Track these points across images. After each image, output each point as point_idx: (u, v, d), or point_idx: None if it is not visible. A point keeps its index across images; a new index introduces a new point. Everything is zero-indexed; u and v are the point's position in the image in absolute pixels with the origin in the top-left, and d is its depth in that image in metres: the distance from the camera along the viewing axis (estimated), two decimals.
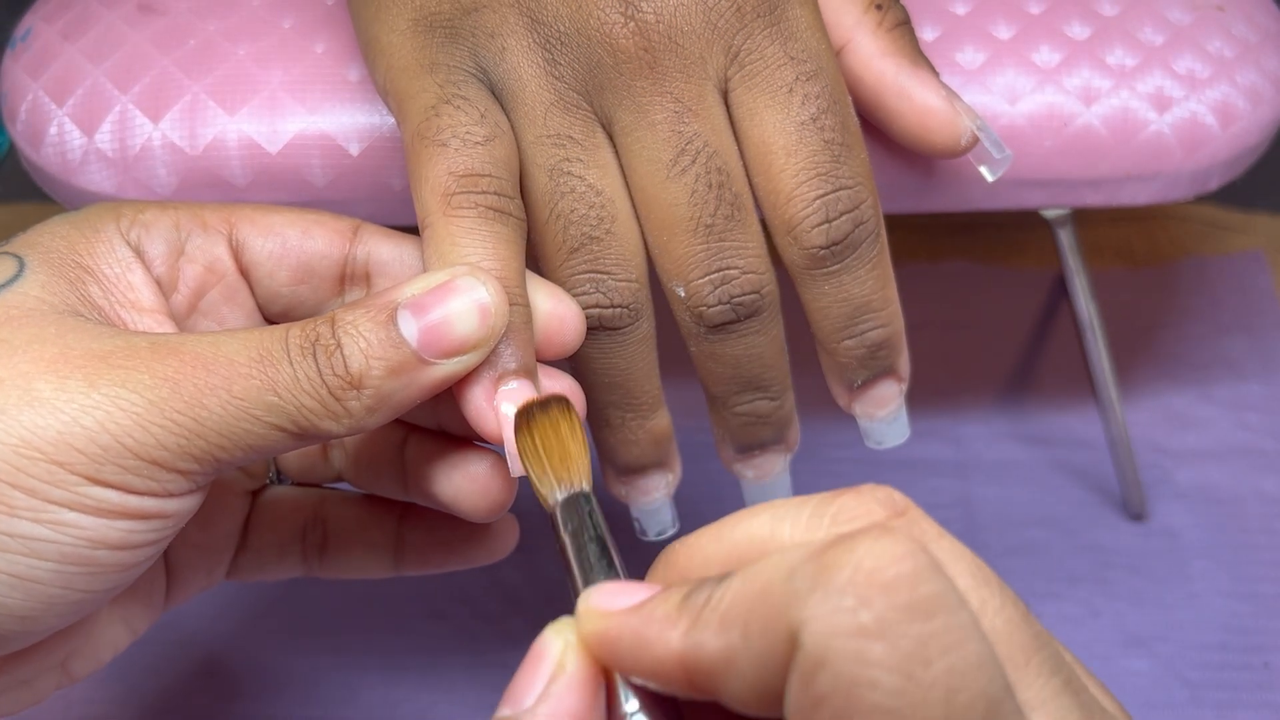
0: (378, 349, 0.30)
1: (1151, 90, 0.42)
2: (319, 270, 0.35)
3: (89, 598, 0.30)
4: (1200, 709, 0.51)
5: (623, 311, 0.34)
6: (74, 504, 0.29)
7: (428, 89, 0.33)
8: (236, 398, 0.29)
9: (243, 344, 0.30)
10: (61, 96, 0.41)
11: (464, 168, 0.32)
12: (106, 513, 0.29)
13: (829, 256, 0.34)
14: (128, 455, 0.29)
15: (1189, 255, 0.67)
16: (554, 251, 0.34)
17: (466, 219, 0.32)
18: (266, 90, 0.41)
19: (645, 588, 0.25)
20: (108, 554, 0.30)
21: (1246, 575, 0.55)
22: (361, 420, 0.30)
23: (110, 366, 0.29)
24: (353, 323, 0.30)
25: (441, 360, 0.30)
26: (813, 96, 0.34)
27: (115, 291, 0.32)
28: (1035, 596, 0.55)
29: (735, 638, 0.22)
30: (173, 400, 0.29)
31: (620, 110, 0.34)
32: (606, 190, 0.34)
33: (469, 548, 0.38)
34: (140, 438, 0.29)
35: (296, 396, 0.29)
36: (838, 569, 0.21)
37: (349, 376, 0.30)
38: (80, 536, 0.29)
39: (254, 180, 0.41)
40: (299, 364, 0.30)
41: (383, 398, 0.30)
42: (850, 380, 0.36)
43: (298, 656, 0.54)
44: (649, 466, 0.37)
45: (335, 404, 0.30)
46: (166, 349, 0.29)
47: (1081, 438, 0.60)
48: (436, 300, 0.30)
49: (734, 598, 0.22)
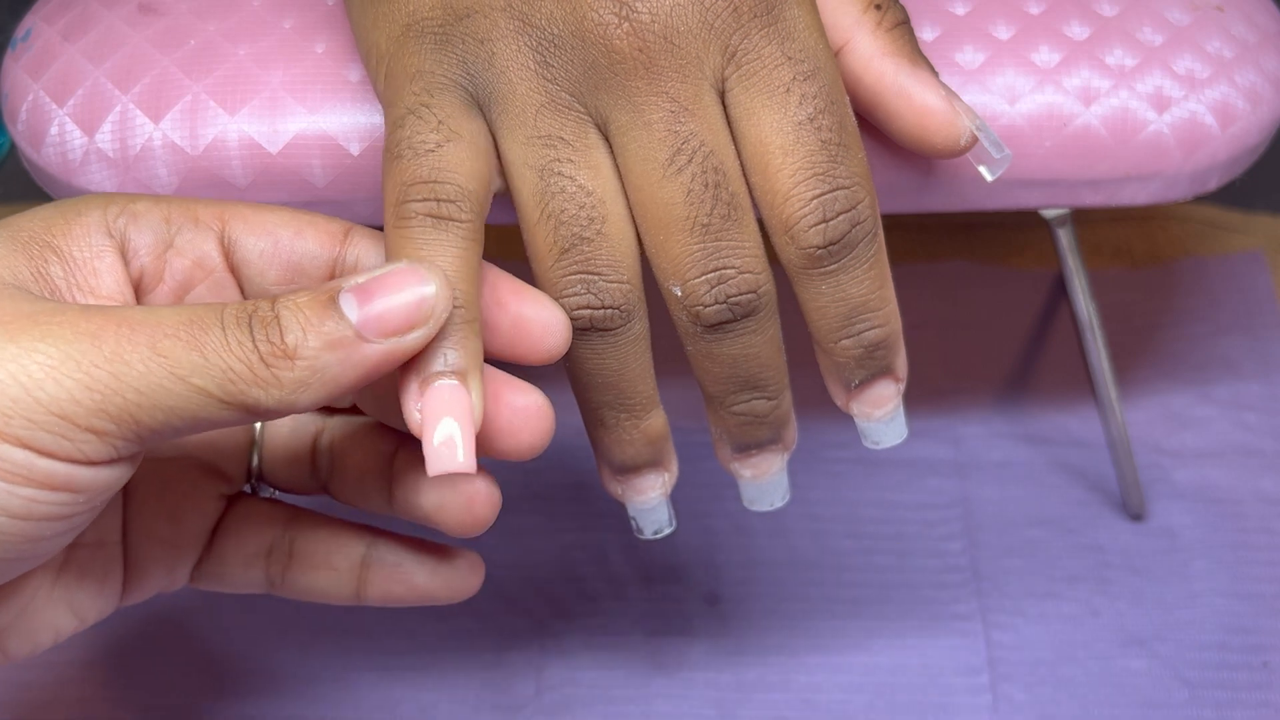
0: (314, 321, 0.30)
1: (1151, 90, 0.42)
2: (308, 271, 0.35)
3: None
4: (1200, 709, 0.51)
5: (614, 313, 0.34)
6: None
7: (404, 99, 0.33)
8: (159, 354, 0.28)
9: (175, 311, 0.29)
10: (62, 97, 0.41)
11: (411, 176, 0.32)
12: (10, 475, 0.28)
13: (826, 256, 0.34)
14: (38, 409, 0.28)
15: (1188, 255, 0.67)
16: (545, 252, 0.34)
17: (411, 227, 0.32)
18: (267, 90, 0.41)
19: None
20: (19, 525, 0.29)
21: (1246, 575, 0.55)
22: (293, 394, 0.30)
23: (34, 324, 0.28)
24: (293, 299, 0.30)
25: (380, 339, 0.30)
26: (810, 96, 0.34)
27: (77, 275, 0.32)
28: (1035, 596, 0.55)
29: None
30: (91, 354, 0.28)
31: (616, 110, 0.34)
32: (598, 191, 0.34)
33: (432, 586, 0.38)
34: (52, 390, 0.28)
35: (224, 358, 0.29)
36: None
37: (283, 345, 0.29)
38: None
39: (255, 180, 0.41)
40: (231, 330, 0.29)
41: (316, 370, 0.29)
42: (848, 380, 0.36)
43: (297, 656, 0.54)
44: (644, 466, 0.37)
45: (265, 371, 0.29)
46: (96, 311, 0.29)
47: (1081, 438, 0.60)
48: (379, 285, 0.30)
49: None
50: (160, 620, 0.54)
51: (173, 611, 0.55)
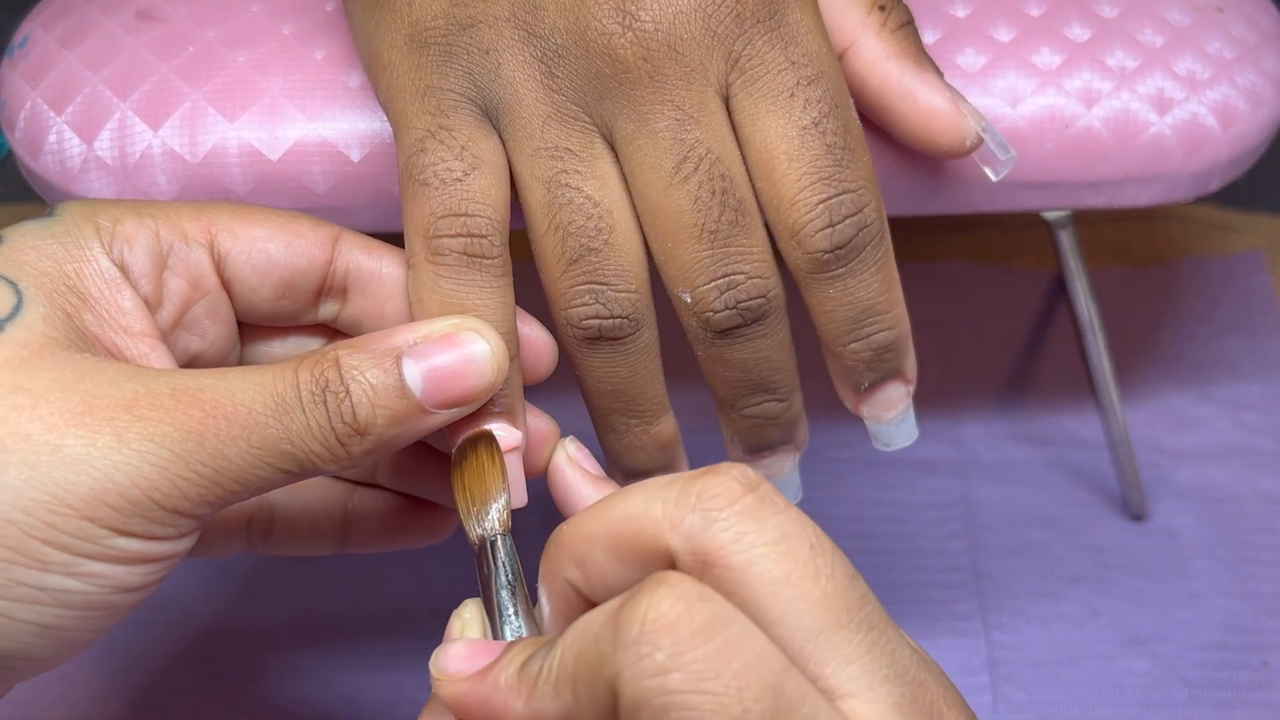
0: (383, 397, 0.31)
1: (1152, 92, 0.42)
2: (300, 284, 0.35)
3: (99, 635, 0.31)
4: (1200, 708, 0.51)
5: (623, 322, 0.34)
6: (101, 555, 0.29)
7: (419, 118, 0.34)
8: (255, 447, 0.30)
9: (258, 390, 0.31)
10: (60, 104, 0.41)
11: (443, 208, 0.33)
12: (129, 560, 0.30)
13: (833, 260, 0.34)
14: (154, 508, 0.29)
15: (1189, 255, 0.67)
16: (553, 263, 0.34)
17: (447, 266, 0.33)
18: (267, 97, 0.41)
19: (485, 648, 0.29)
20: (124, 597, 0.30)
21: (1246, 575, 0.55)
22: (356, 461, 0.32)
23: (136, 418, 0.29)
24: (358, 368, 0.31)
25: (440, 410, 0.32)
26: (814, 101, 0.34)
27: (106, 317, 0.32)
28: (1035, 596, 0.55)
29: (569, 700, 0.26)
30: (198, 453, 0.30)
31: (621, 119, 0.33)
32: (605, 201, 0.34)
33: (415, 529, 0.40)
34: (167, 490, 0.29)
35: (308, 444, 0.31)
36: (629, 625, 0.25)
37: (356, 424, 0.31)
38: (104, 585, 0.30)
39: (255, 187, 0.41)
40: (311, 412, 0.31)
41: (382, 443, 0.31)
42: (857, 383, 0.36)
43: (298, 656, 0.54)
44: (655, 471, 0.37)
45: (340, 449, 0.31)
46: (188, 397, 0.30)
47: (1081, 438, 0.60)
48: (440, 350, 0.32)
49: (560, 665, 0.26)
50: (164, 620, 0.54)
51: (177, 611, 0.55)
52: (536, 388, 0.36)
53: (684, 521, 0.27)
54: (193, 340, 0.35)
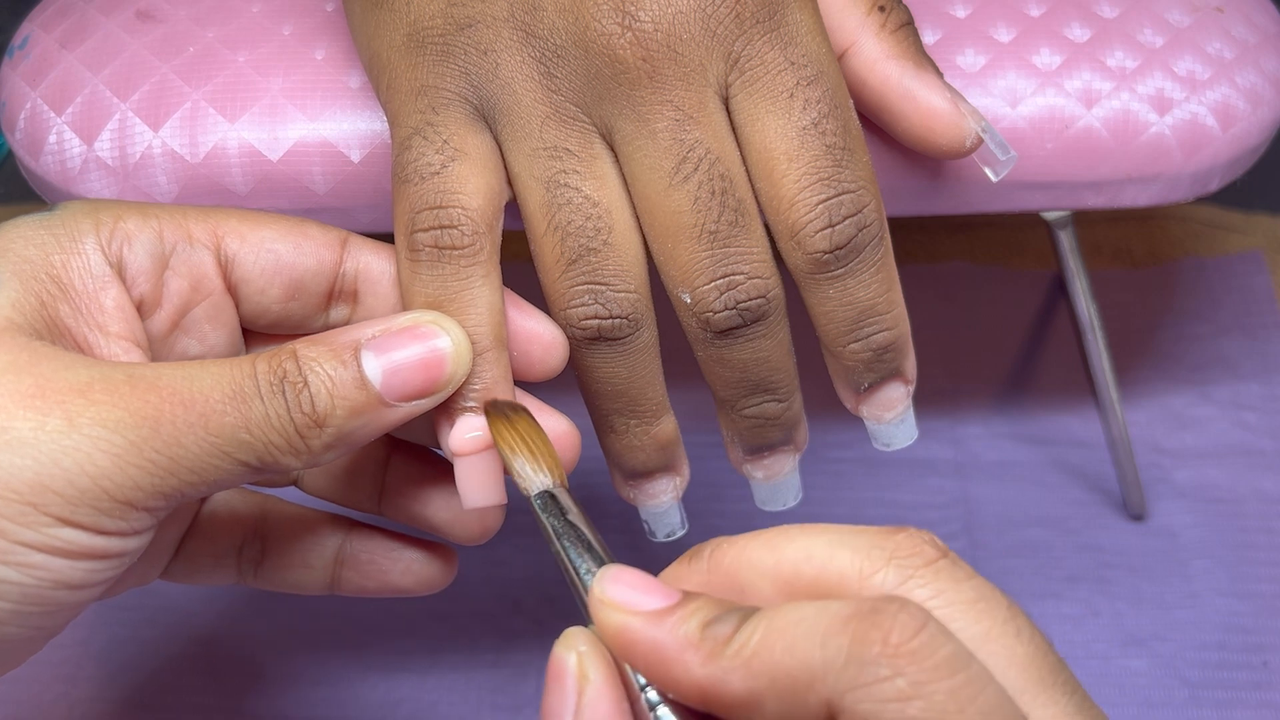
0: (342, 389, 0.31)
1: (1152, 92, 0.42)
2: (310, 287, 0.35)
3: (40, 634, 0.30)
4: (1200, 708, 0.51)
5: (622, 322, 0.34)
6: (42, 545, 0.28)
7: (410, 116, 0.34)
8: (212, 435, 0.29)
9: (216, 379, 0.30)
10: (60, 105, 0.41)
11: (419, 202, 0.33)
12: (74, 554, 0.29)
13: (833, 261, 0.34)
14: (104, 497, 0.28)
15: (1188, 256, 0.67)
16: (552, 263, 0.34)
17: (423, 260, 0.33)
18: (267, 97, 0.41)
19: (658, 587, 0.27)
20: (67, 594, 0.29)
21: (1246, 575, 0.55)
22: (318, 456, 0.31)
23: (90, 402, 0.29)
24: (316, 359, 0.31)
25: (402, 404, 0.31)
26: (814, 101, 0.34)
27: (85, 312, 0.32)
28: (1035, 596, 0.55)
29: (762, 686, 0.24)
30: (152, 440, 0.29)
31: (621, 120, 0.33)
32: (604, 201, 0.34)
33: (405, 581, 0.39)
34: (118, 479, 0.28)
35: (266, 434, 0.30)
36: (870, 643, 0.24)
37: (315, 415, 0.30)
38: (44, 578, 0.29)
39: (255, 188, 0.41)
40: (270, 401, 0.30)
41: (342, 436, 0.31)
42: (857, 383, 0.36)
43: (298, 657, 0.54)
44: (655, 471, 0.37)
45: (299, 440, 0.30)
46: (144, 384, 0.29)
47: (1081, 438, 0.60)
48: (400, 343, 0.31)
49: (763, 647, 0.25)
50: (164, 623, 0.54)
51: (177, 614, 0.55)
52: (537, 388, 0.36)
53: (876, 575, 0.26)
54: (191, 344, 0.35)
